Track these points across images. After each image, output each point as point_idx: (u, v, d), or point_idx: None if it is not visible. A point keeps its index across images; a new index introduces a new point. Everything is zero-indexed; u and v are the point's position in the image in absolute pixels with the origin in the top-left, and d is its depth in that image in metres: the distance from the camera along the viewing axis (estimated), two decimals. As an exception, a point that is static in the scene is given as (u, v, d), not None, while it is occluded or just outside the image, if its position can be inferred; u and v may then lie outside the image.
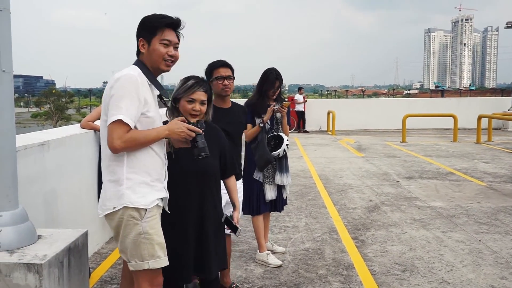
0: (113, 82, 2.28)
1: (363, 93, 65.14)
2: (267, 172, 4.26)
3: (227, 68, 3.57)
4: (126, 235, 2.32)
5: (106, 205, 2.34)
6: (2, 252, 2.44)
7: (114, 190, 2.31)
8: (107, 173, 2.36)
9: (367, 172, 9.03)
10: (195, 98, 2.67)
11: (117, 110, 2.21)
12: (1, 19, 2.49)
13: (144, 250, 2.33)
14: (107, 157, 2.35)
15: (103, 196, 2.37)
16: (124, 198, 2.29)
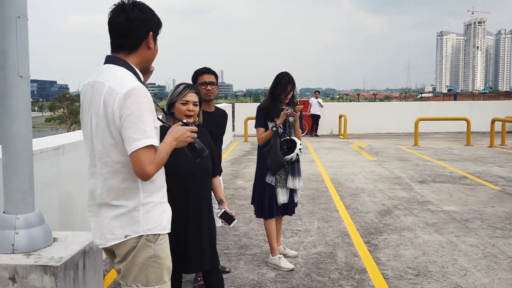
0: (120, 99, 1.92)
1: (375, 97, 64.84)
2: (279, 176, 4.27)
3: (210, 75, 3.89)
4: (136, 257, 2.09)
5: (115, 234, 2.05)
6: (18, 254, 2.48)
7: (126, 218, 2.05)
8: (116, 198, 2.05)
9: (379, 176, 8.99)
10: (188, 99, 2.93)
11: (142, 133, 1.91)
12: (19, 26, 2.53)
13: (151, 274, 2.11)
14: (115, 184, 2.03)
15: (110, 224, 2.06)
16: (140, 226, 2.05)
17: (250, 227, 5.61)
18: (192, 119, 2.94)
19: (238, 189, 7.82)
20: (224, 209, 3.18)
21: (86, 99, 2.08)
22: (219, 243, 5.01)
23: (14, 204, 2.56)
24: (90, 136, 2.08)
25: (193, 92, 2.98)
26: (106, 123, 1.97)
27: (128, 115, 1.91)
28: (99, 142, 2.03)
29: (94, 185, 2.10)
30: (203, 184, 3.01)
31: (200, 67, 3.98)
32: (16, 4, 2.55)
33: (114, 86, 1.95)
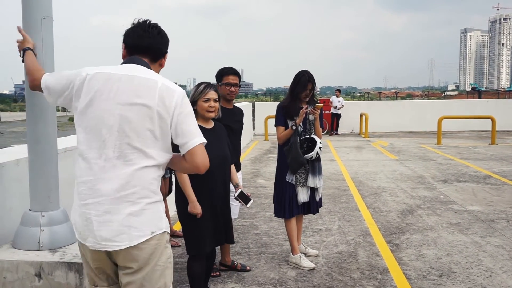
0: (179, 97, 2.01)
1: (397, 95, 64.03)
2: (299, 175, 4.25)
3: (235, 76, 4.08)
4: (157, 262, 2.00)
5: (143, 231, 1.95)
6: (44, 251, 2.54)
7: (153, 212, 1.98)
8: (145, 192, 1.97)
9: (401, 175, 8.88)
10: (209, 97, 3.31)
11: (199, 131, 2.02)
12: (44, 27, 2.59)
13: (168, 276, 2.07)
14: (144, 175, 1.97)
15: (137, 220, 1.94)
16: (163, 222, 2.02)
17: (270, 225, 5.61)
18: (213, 114, 3.35)
19: (258, 188, 7.82)
20: (241, 190, 3.61)
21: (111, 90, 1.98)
22: (240, 241, 5.03)
23: (39, 202, 2.62)
24: (115, 126, 1.94)
25: (213, 90, 3.37)
26: (159, 117, 1.95)
27: (188, 113, 2.02)
28: (137, 133, 1.95)
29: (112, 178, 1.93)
30: (225, 171, 3.46)
31: (226, 67, 4.13)
32: (42, 5, 2.61)
33: (168, 84, 2.03)
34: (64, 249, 2.57)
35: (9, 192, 2.82)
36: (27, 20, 2.62)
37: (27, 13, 2.61)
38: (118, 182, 1.92)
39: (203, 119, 3.40)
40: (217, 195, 3.39)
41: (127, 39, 2.14)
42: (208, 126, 3.44)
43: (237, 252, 4.66)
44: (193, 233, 3.35)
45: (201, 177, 3.15)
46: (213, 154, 3.28)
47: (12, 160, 2.91)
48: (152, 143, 1.96)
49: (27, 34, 2.59)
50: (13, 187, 2.86)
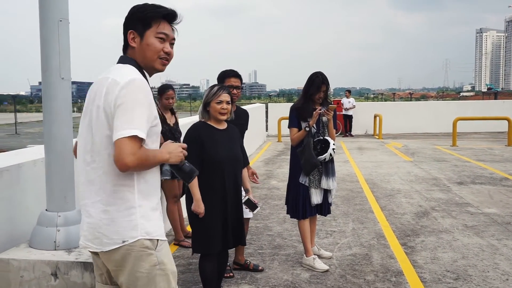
0: (119, 89, 1.88)
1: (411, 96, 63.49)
2: (313, 176, 4.24)
3: (237, 79, 4.12)
4: (137, 268, 1.95)
5: (112, 239, 1.91)
6: (60, 251, 2.56)
7: (123, 221, 1.92)
8: (111, 199, 1.92)
9: (416, 176, 8.80)
10: (222, 99, 3.34)
11: (129, 123, 1.83)
12: (61, 29, 2.62)
13: (160, 283, 1.99)
14: (109, 181, 1.92)
15: (107, 228, 1.92)
16: (138, 230, 1.93)
17: (284, 227, 5.60)
18: (225, 116, 3.39)
19: (272, 189, 7.82)
20: (248, 196, 3.62)
21: (91, 94, 2.00)
22: (253, 242, 5.03)
23: (56, 202, 2.66)
24: (90, 130, 1.95)
25: (226, 93, 3.41)
26: (105, 115, 1.90)
27: (121, 104, 1.85)
28: (97, 135, 1.93)
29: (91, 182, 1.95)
30: (236, 172, 3.46)
31: (228, 69, 4.17)
32: (58, 8, 2.64)
33: (116, 77, 1.91)
34: (79, 249, 2.60)
35: (26, 192, 2.86)
36: (44, 22, 2.66)
37: (44, 15, 2.65)
38: (93, 187, 1.94)
39: (216, 120, 3.42)
40: (228, 195, 3.39)
41: None
42: (221, 127, 3.46)
43: (250, 253, 4.66)
44: (199, 232, 3.37)
45: (212, 177, 3.29)
46: (225, 154, 3.35)
47: (29, 160, 2.95)
48: (106, 144, 1.90)
49: (44, 37, 2.63)
50: (30, 187, 2.90)
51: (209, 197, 3.31)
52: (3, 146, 29.25)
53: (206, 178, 3.31)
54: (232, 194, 3.45)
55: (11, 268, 2.45)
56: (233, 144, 3.48)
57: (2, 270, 2.46)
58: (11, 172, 2.74)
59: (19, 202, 2.79)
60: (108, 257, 1.95)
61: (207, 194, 3.31)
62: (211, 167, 3.32)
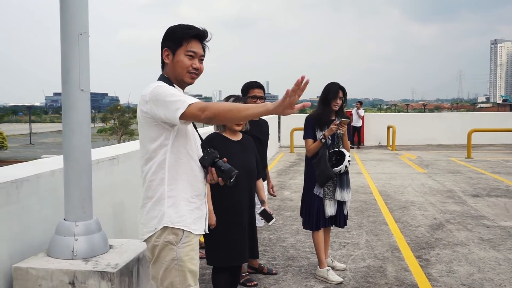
0: (149, 94, 2.18)
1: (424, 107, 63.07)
2: (327, 188, 4.23)
3: (260, 90, 4.30)
4: (160, 259, 2.25)
5: (148, 227, 2.26)
6: (77, 260, 2.59)
7: (155, 210, 2.24)
8: (147, 191, 2.27)
9: (430, 188, 8.73)
10: None
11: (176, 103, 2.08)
12: (81, 42, 2.68)
13: (175, 277, 2.23)
14: (147, 174, 2.26)
15: (145, 218, 2.27)
16: (164, 218, 2.22)
17: (297, 238, 5.58)
18: (240, 127, 3.43)
19: (284, 200, 7.81)
20: (264, 207, 3.66)
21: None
22: (266, 254, 5.02)
23: (73, 212, 2.69)
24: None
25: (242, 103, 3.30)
26: (140, 123, 2.25)
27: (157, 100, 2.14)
28: (140, 143, 2.31)
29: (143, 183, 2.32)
30: (250, 183, 3.48)
31: (252, 81, 4.34)
32: (79, 22, 2.70)
33: (143, 92, 2.24)
34: (96, 258, 2.63)
35: (44, 202, 2.90)
36: (64, 35, 2.72)
37: (65, 29, 2.71)
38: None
39: (231, 131, 3.44)
40: (242, 207, 3.39)
41: None
42: (236, 139, 3.47)
43: (264, 264, 4.65)
44: (212, 244, 3.36)
45: (225, 189, 3.19)
46: (238, 166, 3.29)
47: (47, 170, 3.00)
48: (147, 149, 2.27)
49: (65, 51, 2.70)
50: (48, 197, 2.94)
51: (222, 209, 3.31)
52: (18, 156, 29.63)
53: (219, 189, 3.31)
54: (246, 206, 3.45)
55: (29, 277, 2.49)
56: (248, 156, 3.49)
57: (21, 279, 2.49)
58: (30, 182, 2.79)
59: (38, 212, 2.84)
60: (146, 247, 2.32)
61: (221, 205, 3.32)
62: None
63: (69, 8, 2.68)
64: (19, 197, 2.69)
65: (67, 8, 2.68)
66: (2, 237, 2.55)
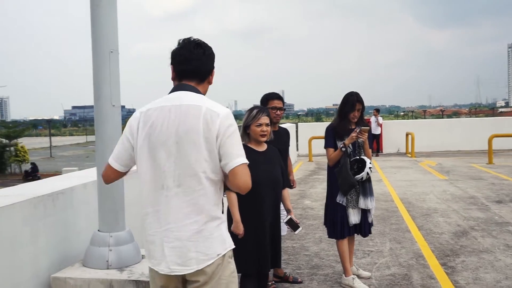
0: (225, 119, 2.06)
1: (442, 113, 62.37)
2: (350, 196, 4.26)
3: (279, 101, 4.36)
4: (221, 277, 2.09)
5: (208, 254, 2.04)
6: (112, 270, 2.68)
7: (217, 234, 2.08)
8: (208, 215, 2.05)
9: (452, 195, 8.66)
10: (262, 122, 3.44)
11: (238, 151, 2.06)
12: (112, 60, 2.79)
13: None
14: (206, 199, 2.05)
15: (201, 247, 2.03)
16: (227, 242, 2.12)
17: (320, 247, 5.60)
18: (265, 137, 3.47)
19: (306, 209, 7.83)
20: (290, 216, 3.68)
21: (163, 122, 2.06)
22: (291, 263, 5.06)
23: (107, 223, 2.79)
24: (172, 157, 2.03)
25: (265, 115, 3.49)
26: (205, 140, 2.01)
27: (230, 134, 2.04)
28: (190, 160, 2.02)
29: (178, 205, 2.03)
30: (275, 193, 3.56)
31: (271, 92, 4.43)
32: (109, 40, 2.82)
33: (212, 107, 2.06)
34: (130, 268, 2.71)
35: (78, 214, 3.00)
36: (96, 53, 2.83)
37: (96, 47, 2.82)
38: (182, 210, 2.02)
39: (256, 142, 3.51)
40: (267, 217, 3.46)
41: (174, 62, 2.20)
42: (261, 149, 3.54)
43: (289, 273, 4.68)
44: (239, 252, 3.38)
45: (251, 199, 3.30)
46: (263, 176, 3.41)
47: (80, 184, 3.11)
48: (204, 168, 2.02)
49: (96, 67, 2.80)
50: (81, 209, 3.04)
51: (248, 219, 3.38)
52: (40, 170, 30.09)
53: (245, 199, 3.37)
54: (271, 216, 3.52)
55: (67, 287, 2.58)
56: (273, 166, 3.56)
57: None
58: (65, 194, 2.89)
59: (73, 223, 2.94)
60: (198, 274, 2.04)
61: (247, 215, 3.38)
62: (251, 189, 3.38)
63: (100, 27, 2.80)
64: (56, 210, 2.79)
65: (98, 27, 2.80)
66: (41, 248, 2.66)
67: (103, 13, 2.78)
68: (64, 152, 42.93)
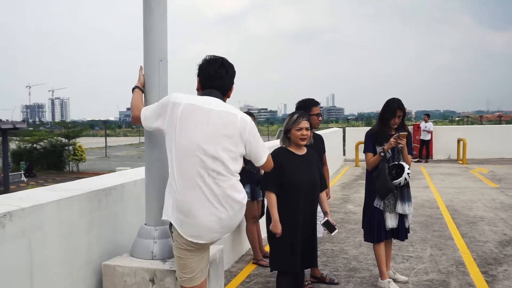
0: (251, 125, 2.73)
1: (500, 119, 59.69)
2: (388, 201, 4.32)
3: (318, 107, 4.59)
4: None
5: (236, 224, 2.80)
6: (156, 261, 2.92)
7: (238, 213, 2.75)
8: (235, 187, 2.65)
9: (502, 204, 8.43)
10: (302, 126, 3.61)
11: (263, 150, 2.80)
12: (161, 68, 3.03)
13: None
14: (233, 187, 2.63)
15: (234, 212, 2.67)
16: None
17: (360, 251, 5.67)
18: (305, 141, 3.64)
19: (348, 213, 7.89)
20: (327, 218, 3.82)
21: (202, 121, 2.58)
22: (329, 264, 5.17)
23: (153, 218, 3.03)
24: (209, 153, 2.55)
25: (306, 120, 3.66)
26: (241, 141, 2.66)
27: (257, 138, 2.76)
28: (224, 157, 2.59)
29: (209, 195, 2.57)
30: (313, 195, 3.71)
31: (311, 99, 4.61)
32: (159, 49, 3.07)
33: (243, 117, 2.71)
34: (172, 259, 2.94)
35: (128, 209, 3.29)
36: (147, 62, 3.08)
37: (147, 55, 3.07)
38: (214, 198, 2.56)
39: (296, 145, 3.68)
40: (304, 218, 3.62)
41: (200, 76, 2.79)
42: (301, 153, 3.70)
43: (326, 274, 4.80)
44: (276, 251, 3.61)
45: (290, 200, 3.48)
46: (303, 179, 3.58)
47: (130, 181, 3.39)
48: (234, 163, 2.63)
49: (146, 75, 3.06)
50: (131, 204, 3.32)
51: (286, 219, 3.55)
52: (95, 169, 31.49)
53: (285, 200, 3.56)
54: (308, 217, 3.67)
55: (116, 273, 2.84)
56: (312, 169, 3.71)
57: (109, 275, 2.86)
58: (117, 190, 3.17)
59: (123, 217, 3.22)
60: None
61: (285, 215, 3.56)
62: (290, 190, 3.57)
63: (152, 35, 3.04)
64: (108, 204, 3.08)
65: (149, 35, 3.04)
66: (94, 238, 2.94)
67: (154, 21, 3.03)
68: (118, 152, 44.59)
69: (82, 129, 41.06)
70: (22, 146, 34.16)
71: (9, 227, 2.32)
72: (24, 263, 2.42)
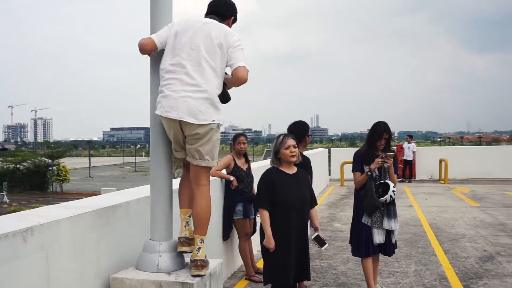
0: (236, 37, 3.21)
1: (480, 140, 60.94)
2: (375, 217, 4.58)
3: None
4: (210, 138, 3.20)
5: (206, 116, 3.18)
6: (162, 273, 3.11)
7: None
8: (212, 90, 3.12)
9: (482, 222, 8.76)
10: (289, 144, 3.87)
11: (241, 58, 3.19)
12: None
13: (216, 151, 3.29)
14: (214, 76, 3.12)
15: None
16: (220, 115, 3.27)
17: (347, 267, 5.90)
18: (295, 158, 3.86)
19: (335, 231, 8.12)
20: (318, 233, 4.03)
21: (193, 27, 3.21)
22: (318, 280, 5.38)
23: (158, 233, 3.23)
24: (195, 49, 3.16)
25: (291, 138, 3.92)
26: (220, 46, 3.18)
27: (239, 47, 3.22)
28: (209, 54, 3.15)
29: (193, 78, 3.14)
30: (304, 212, 3.91)
31: (304, 122, 4.98)
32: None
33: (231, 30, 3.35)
34: (177, 272, 3.12)
35: (132, 224, 3.47)
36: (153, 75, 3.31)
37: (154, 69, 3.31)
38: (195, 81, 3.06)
39: (287, 164, 3.92)
40: (296, 234, 3.83)
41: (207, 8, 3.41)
42: (291, 172, 3.95)
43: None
44: (270, 265, 3.82)
45: (282, 217, 3.71)
46: (294, 197, 3.82)
47: (134, 199, 3.59)
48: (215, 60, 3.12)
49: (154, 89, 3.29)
50: (135, 220, 3.51)
51: (279, 234, 3.77)
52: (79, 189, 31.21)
53: (277, 217, 3.79)
54: (300, 233, 3.90)
55: (124, 286, 3.02)
56: (302, 187, 3.96)
57: (117, 287, 3.03)
58: (122, 207, 3.37)
59: (128, 233, 3.40)
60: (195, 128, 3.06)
61: (278, 231, 3.78)
62: (282, 208, 3.80)
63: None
64: (115, 220, 3.27)
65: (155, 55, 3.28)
66: (103, 252, 3.12)
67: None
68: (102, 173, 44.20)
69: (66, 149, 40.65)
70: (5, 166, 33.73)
71: (31, 241, 2.50)
72: (42, 275, 2.60)
